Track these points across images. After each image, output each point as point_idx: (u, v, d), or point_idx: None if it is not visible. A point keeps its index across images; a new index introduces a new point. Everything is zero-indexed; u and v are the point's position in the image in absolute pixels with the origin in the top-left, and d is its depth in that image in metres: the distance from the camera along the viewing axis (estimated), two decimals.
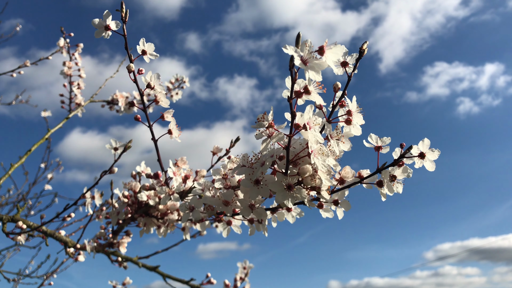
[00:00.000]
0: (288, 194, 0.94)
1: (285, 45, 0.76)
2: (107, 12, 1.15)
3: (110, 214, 1.52)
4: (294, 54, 0.76)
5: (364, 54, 0.97)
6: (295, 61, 0.76)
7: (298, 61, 0.77)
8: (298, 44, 0.78)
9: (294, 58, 0.76)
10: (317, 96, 0.87)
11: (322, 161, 0.92)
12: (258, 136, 0.97)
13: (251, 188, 0.98)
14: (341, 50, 0.82)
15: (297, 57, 0.77)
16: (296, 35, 0.77)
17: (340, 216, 1.05)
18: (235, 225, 1.24)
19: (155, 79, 1.21)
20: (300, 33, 0.77)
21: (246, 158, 1.01)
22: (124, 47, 1.18)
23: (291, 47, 0.77)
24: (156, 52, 1.19)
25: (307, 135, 0.89)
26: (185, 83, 2.97)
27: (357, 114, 1.00)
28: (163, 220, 1.48)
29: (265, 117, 0.94)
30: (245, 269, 1.95)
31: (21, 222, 1.51)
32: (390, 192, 1.00)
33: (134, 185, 1.49)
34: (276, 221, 1.15)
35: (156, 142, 1.30)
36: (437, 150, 0.98)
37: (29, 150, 2.04)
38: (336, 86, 1.00)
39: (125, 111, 2.73)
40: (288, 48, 0.76)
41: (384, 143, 1.03)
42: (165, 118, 1.28)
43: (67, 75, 2.56)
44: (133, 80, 1.20)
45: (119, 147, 1.44)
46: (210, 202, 1.10)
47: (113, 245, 1.66)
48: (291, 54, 0.76)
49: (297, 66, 0.77)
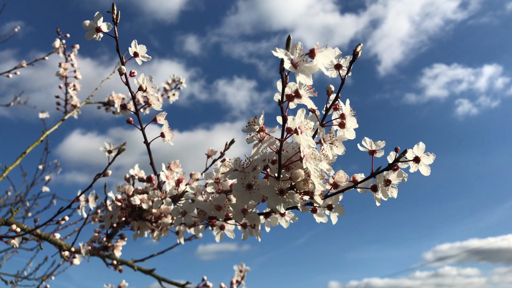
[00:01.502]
0: (280, 199, 0.92)
1: (275, 48, 0.74)
2: (98, 13, 1.13)
3: (104, 217, 1.51)
4: (284, 57, 0.74)
5: (358, 57, 0.95)
6: (285, 64, 0.74)
7: (288, 64, 0.75)
8: (289, 47, 0.76)
9: (284, 62, 0.74)
10: (308, 100, 0.85)
11: (315, 165, 0.90)
12: (249, 141, 0.96)
13: (243, 192, 0.96)
14: (332, 53, 0.80)
15: (287, 61, 0.75)
16: (286, 38, 0.75)
17: (334, 221, 1.03)
18: (228, 230, 1.22)
19: (147, 81, 1.19)
20: (290, 35, 0.75)
21: (238, 162, 1.00)
22: (116, 49, 1.17)
23: (281, 50, 0.75)
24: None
25: (299, 139, 0.87)
26: (182, 83, 2.95)
27: (350, 117, 0.98)
28: (157, 224, 1.46)
29: (256, 121, 0.92)
30: (242, 272, 1.94)
31: (15, 226, 1.49)
32: (385, 197, 0.98)
33: (127, 189, 1.48)
34: (270, 226, 1.13)
35: (149, 145, 1.28)
36: (432, 154, 0.96)
37: (24, 153, 2.03)
38: (329, 89, 0.98)
39: (121, 112, 2.72)
40: (278, 51, 0.74)
41: (379, 147, 1.01)
42: (157, 121, 1.27)
43: (63, 77, 2.54)
44: (125, 82, 1.18)
45: (113, 149, 1.43)
46: (202, 206, 1.09)
47: (108, 249, 1.64)
48: (281, 58, 0.75)
49: (287, 69, 0.76)
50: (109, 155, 1.43)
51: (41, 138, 2.15)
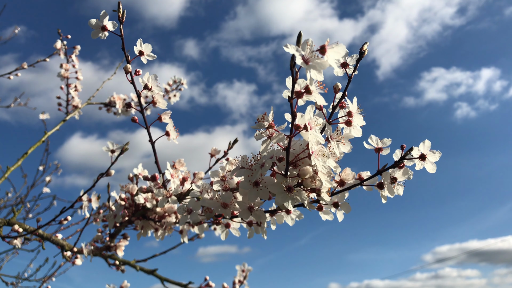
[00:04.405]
0: (288, 196, 0.93)
1: (286, 44, 0.74)
2: (104, 12, 1.13)
3: (107, 217, 1.50)
4: (295, 53, 0.75)
5: (364, 55, 0.96)
6: (297, 60, 0.75)
7: (300, 60, 0.75)
8: (299, 43, 0.76)
9: (296, 57, 0.75)
10: (318, 96, 0.86)
11: (323, 162, 0.90)
12: (258, 137, 0.96)
13: (250, 190, 0.96)
14: (343, 50, 0.81)
15: (298, 56, 0.75)
16: (298, 34, 0.76)
17: (340, 219, 1.03)
18: (234, 228, 1.22)
19: (152, 80, 1.20)
20: (301, 32, 0.75)
21: (245, 160, 1.00)
22: (121, 47, 1.17)
23: (293, 46, 0.76)
24: (156, 58, 1.18)
25: (308, 136, 0.88)
26: (183, 85, 2.96)
27: (357, 115, 0.99)
28: (161, 223, 1.46)
29: (265, 117, 0.92)
30: (244, 272, 1.93)
31: (17, 226, 1.49)
32: (391, 194, 0.99)
33: (131, 188, 1.48)
34: (276, 224, 1.13)
35: (154, 143, 1.28)
36: (438, 152, 0.97)
37: (25, 153, 2.02)
38: (336, 87, 0.99)
39: (122, 113, 2.71)
40: (289, 47, 0.75)
41: (385, 144, 1.02)
42: (162, 119, 1.27)
43: (64, 77, 2.55)
44: (130, 81, 1.19)
45: (116, 149, 1.43)
46: (208, 204, 1.09)
47: (111, 249, 1.64)
48: (292, 53, 0.75)
49: (298, 65, 0.76)
50: (112, 154, 1.43)
51: (43, 138, 2.15)
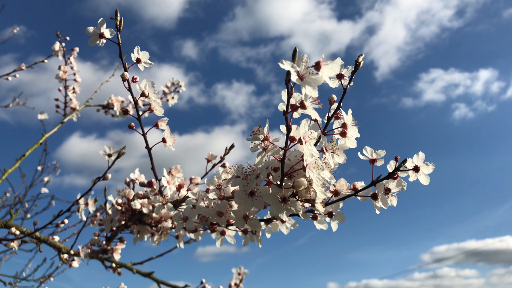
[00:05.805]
0: (283, 207, 0.93)
1: (281, 60, 0.75)
2: (101, 20, 1.14)
3: (104, 221, 1.51)
4: (290, 69, 0.76)
5: (359, 67, 0.97)
6: (292, 76, 0.75)
7: (295, 76, 0.76)
8: (295, 59, 0.77)
9: (291, 74, 0.75)
10: (312, 111, 0.87)
11: (317, 174, 0.91)
12: (253, 149, 0.97)
13: (246, 200, 0.97)
14: (337, 66, 0.82)
15: (293, 73, 0.76)
16: (293, 50, 0.76)
17: (334, 228, 1.04)
18: (229, 235, 1.23)
19: (149, 87, 1.20)
20: (296, 48, 0.76)
21: (240, 169, 1.01)
22: (119, 55, 1.18)
23: (288, 62, 0.76)
24: (154, 60, 1.19)
25: (303, 148, 0.88)
26: (181, 87, 2.96)
27: (352, 126, 1.00)
28: (157, 228, 1.47)
29: (260, 130, 0.93)
30: (240, 275, 1.94)
31: (14, 228, 1.49)
32: (384, 205, 1.00)
33: (127, 193, 1.48)
34: (270, 232, 1.14)
35: (150, 150, 1.29)
36: (432, 164, 0.98)
37: (23, 155, 2.03)
38: (331, 98, 1.00)
39: (120, 115, 2.72)
40: (284, 63, 0.76)
41: (379, 155, 1.03)
42: (159, 126, 1.27)
43: (62, 79, 2.55)
44: (127, 88, 1.19)
45: (113, 153, 1.43)
46: (204, 212, 1.10)
47: (107, 252, 1.65)
48: (288, 70, 0.76)
49: (293, 81, 0.77)
50: (109, 158, 1.43)
51: (41, 140, 2.16)
